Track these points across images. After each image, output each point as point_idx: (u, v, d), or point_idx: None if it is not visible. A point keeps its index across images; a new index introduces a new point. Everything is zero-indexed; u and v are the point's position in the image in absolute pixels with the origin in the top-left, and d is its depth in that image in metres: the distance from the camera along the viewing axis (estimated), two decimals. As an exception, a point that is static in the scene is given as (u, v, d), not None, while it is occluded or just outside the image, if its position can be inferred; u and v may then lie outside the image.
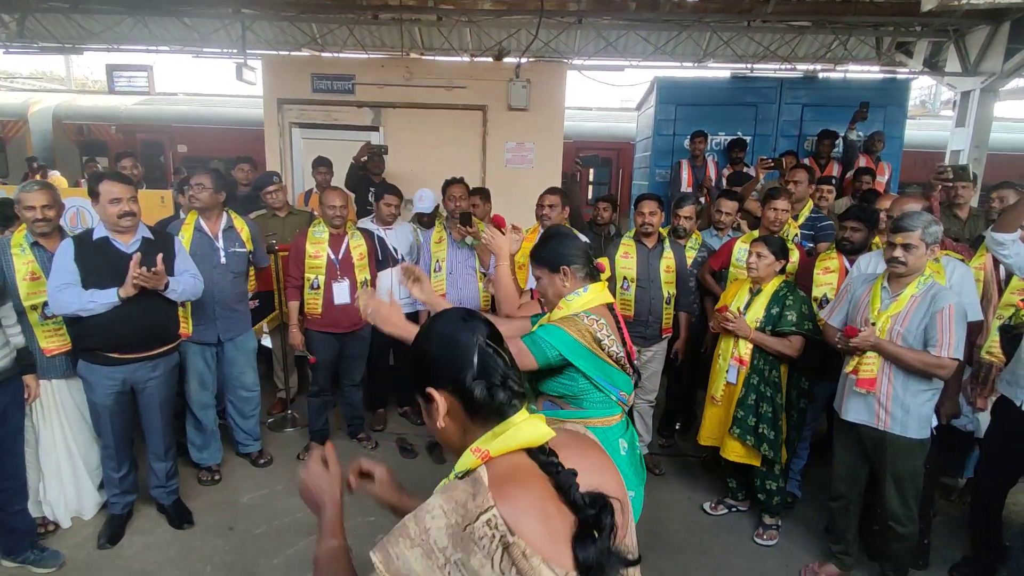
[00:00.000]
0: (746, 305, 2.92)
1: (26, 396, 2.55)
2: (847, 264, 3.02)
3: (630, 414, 2.10)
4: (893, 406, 2.35)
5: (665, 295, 3.38)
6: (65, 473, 2.84)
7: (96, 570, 2.61)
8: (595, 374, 1.75)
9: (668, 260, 3.39)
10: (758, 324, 2.84)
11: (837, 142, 5.53)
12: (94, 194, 2.57)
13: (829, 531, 2.82)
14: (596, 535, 0.80)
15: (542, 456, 0.87)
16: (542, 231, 3.55)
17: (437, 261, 3.56)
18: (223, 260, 3.20)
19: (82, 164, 8.36)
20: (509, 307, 2.15)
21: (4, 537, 2.55)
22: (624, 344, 1.83)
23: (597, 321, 1.74)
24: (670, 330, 3.46)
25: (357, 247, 3.51)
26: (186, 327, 3.06)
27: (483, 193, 4.16)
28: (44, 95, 10.40)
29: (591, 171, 9.57)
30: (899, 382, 2.34)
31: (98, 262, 2.55)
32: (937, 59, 6.84)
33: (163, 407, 2.84)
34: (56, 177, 7.05)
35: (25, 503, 2.60)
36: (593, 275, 1.85)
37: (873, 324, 2.37)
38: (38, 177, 6.48)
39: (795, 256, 3.27)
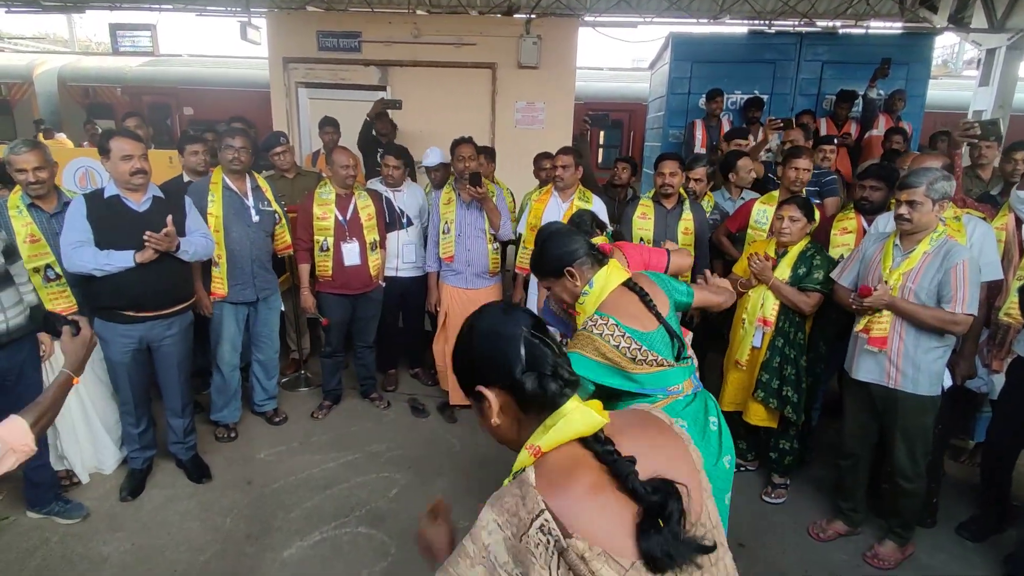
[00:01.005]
0: (772, 267, 2.87)
1: (42, 353, 2.58)
2: (865, 224, 2.96)
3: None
4: (904, 363, 2.35)
5: None
6: (80, 431, 2.89)
7: (120, 521, 2.69)
8: (630, 386, 1.67)
9: (687, 222, 3.34)
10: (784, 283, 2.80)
11: (857, 102, 5.37)
12: (105, 151, 2.55)
13: (838, 489, 2.84)
14: (661, 524, 0.76)
15: (597, 446, 0.84)
16: (554, 192, 3.50)
17: (446, 223, 3.52)
18: (256, 218, 3.20)
19: (84, 126, 8.29)
20: None
21: (28, 491, 2.62)
22: (659, 317, 1.70)
23: (608, 323, 1.63)
24: None
25: (365, 207, 3.48)
26: (221, 288, 3.08)
27: (488, 152, 4.09)
28: (48, 56, 10.26)
29: (601, 133, 9.39)
30: (910, 339, 2.33)
31: (110, 220, 2.55)
32: (963, 15, 6.57)
33: (180, 365, 2.88)
34: (62, 139, 7.01)
35: (46, 458, 2.67)
36: (599, 260, 1.74)
37: (887, 283, 2.34)
38: (41, 138, 6.44)
39: (817, 216, 3.20)
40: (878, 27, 7.15)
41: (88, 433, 2.92)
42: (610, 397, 1.71)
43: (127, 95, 9.02)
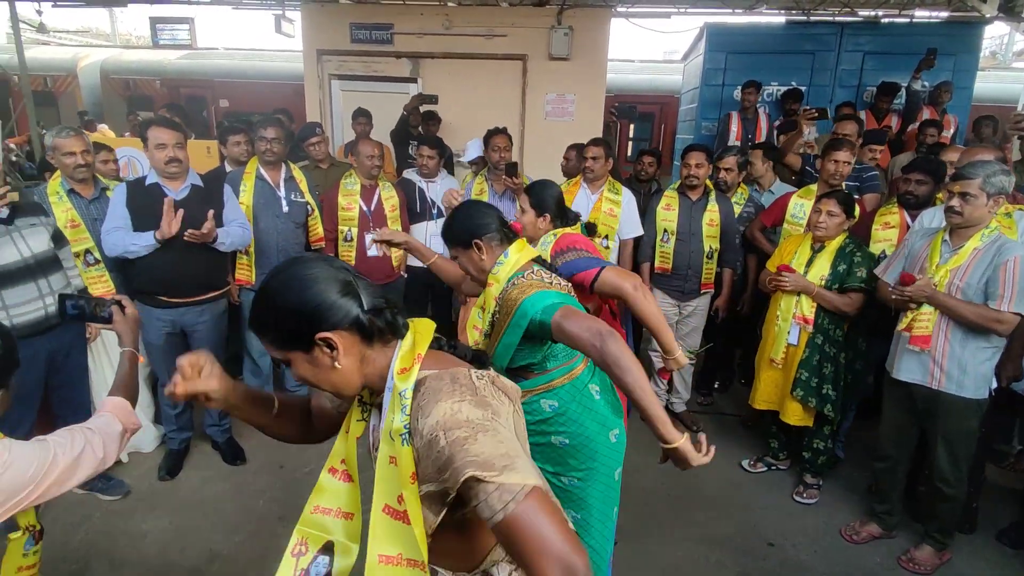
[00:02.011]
0: (808, 262, 2.81)
1: (88, 335, 2.67)
2: (908, 219, 2.86)
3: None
4: (949, 364, 2.27)
5: (706, 249, 3.31)
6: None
7: (159, 499, 2.78)
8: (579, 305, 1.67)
9: (712, 214, 3.30)
10: (823, 282, 2.73)
11: (899, 94, 5.18)
12: (144, 139, 2.63)
13: (873, 491, 2.77)
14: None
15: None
16: (583, 184, 3.48)
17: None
18: (285, 209, 3.24)
19: (127, 117, 8.56)
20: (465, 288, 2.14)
21: None
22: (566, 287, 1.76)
23: (533, 271, 1.66)
24: (711, 285, 3.39)
25: (389, 199, 3.51)
26: (249, 275, 3.14)
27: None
28: (92, 50, 10.57)
29: (631, 126, 9.27)
30: (957, 339, 2.25)
31: (148, 207, 2.63)
32: (1013, 3, 6.27)
33: (213, 351, 2.92)
34: (105, 130, 7.22)
35: None
36: (509, 237, 1.77)
37: (931, 277, 2.27)
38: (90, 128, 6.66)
39: (856, 212, 3.12)
40: (923, 16, 6.89)
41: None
42: (526, 374, 1.76)
43: (165, 87, 9.25)
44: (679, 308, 3.46)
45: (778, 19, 6.10)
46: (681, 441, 1.47)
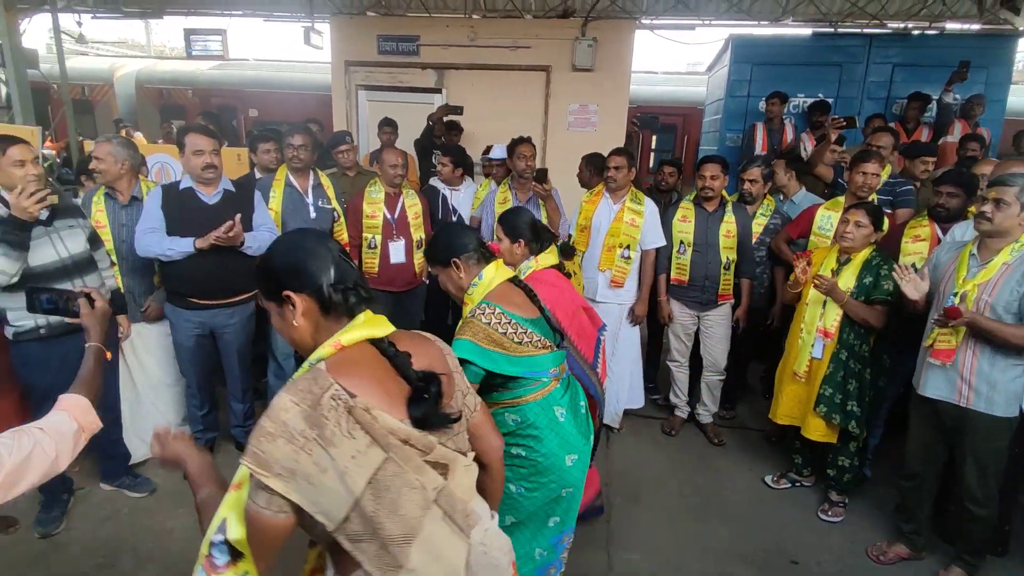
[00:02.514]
0: (834, 274, 2.77)
1: (120, 334, 2.75)
2: (939, 233, 2.81)
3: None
4: (977, 381, 2.21)
5: (724, 260, 3.29)
6: (138, 411, 3.03)
7: (183, 497, 2.82)
8: (514, 371, 1.74)
9: (729, 225, 3.28)
10: (849, 294, 2.70)
11: (929, 106, 5.10)
12: (181, 146, 2.70)
13: (900, 510, 2.70)
14: (426, 399, 1.03)
15: (383, 345, 1.07)
16: (606, 194, 3.48)
17: (504, 222, 3.56)
18: (313, 215, 3.30)
19: (160, 126, 8.81)
20: None
21: (103, 463, 2.79)
22: (540, 308, 1.85)
23: (495, 312, 1.72)
24: (729, 296, 3.36)
25: (412, 206, 3.55)
26: None
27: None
28: (127, 60, 10.91)
29: (654, 137, 9.24)
30: (985, 356, 2.19)
31: (182, 211, 2.70)
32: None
33: (240, 352, 3.00)
34: (139, 137, 7.43)
35: (120, 434, 2.84)
36: (487, 257, 1.84)
37: (957, 298, 2.21)
38: (123, 135, 6.86)
39: (884, 224, 3.06)
40: (954, 28, 6.79)
41: (156, 413, 3.09)
42: (493, 388, 1.80)
43: (197, 97, 9.49)
44: (698, 319, 3.43)
45: (805, 31, 6.06)
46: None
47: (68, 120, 6.82)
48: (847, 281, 2.71)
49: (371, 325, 1.08)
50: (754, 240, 3.47)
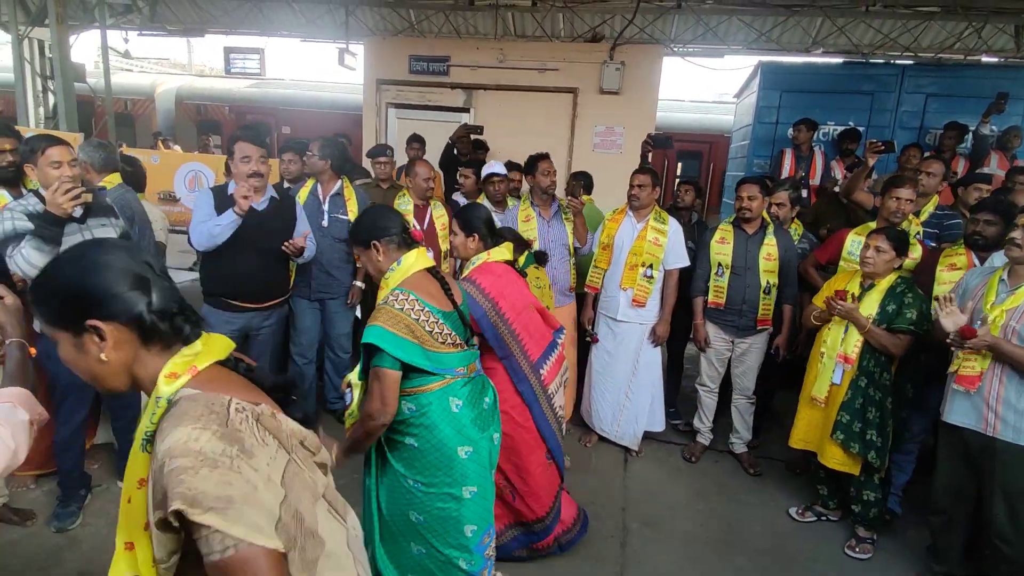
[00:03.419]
0: (857, 299, 2.70)
1: None
2: (976, 261, 2.72)
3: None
4: (1004, 409, 2.12)
5: (763, 284, 3.20)
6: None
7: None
8: (423, 363, 1.77)
9: (770, 247, 3.20)
10: (871, 321, 2.62)
11: (966, 136, 5.00)
12: (230, 153, 2.76)
13: (932, 551, 2.57)
14: (296, 400, 1.05)
15: (229, 363, 1.00)
16: (629, 213, 3.45)
17: (528, 239, 3.55)
18: (325, 223, 3.33)
19: (197, 139, 9.11)
20: None
21: (121, 461, 2.80)
22: (454, 303, 1.88)
23: (408, 298, 1.75)
24: (768, 322, 3.26)
25: (440, 217, 3.58)
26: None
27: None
28: (168, 77, 11.35)
29: (679, 164, 9.22)
30: (1013, 383, 2.11)
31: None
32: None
33: (272, 353, 3.10)
34: (176, 149, 7.68)
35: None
36: (408, 243, 1.87)
37: (982, 322, 2.15)
38: (161, 147, 7.11)
39: (917, 252, 2.99)
40: (990, 59, 6.70)
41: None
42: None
43: (233, 113, 9.81)
44: (733, 344, 3.35)
45: (835, 58, 6.04)
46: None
47: (109, 131, 7.07)
48: (870, 307, 2.65)
49: (213, 347, 0.98)
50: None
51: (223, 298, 2.84)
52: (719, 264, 3.28)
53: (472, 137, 5.17)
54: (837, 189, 4.34)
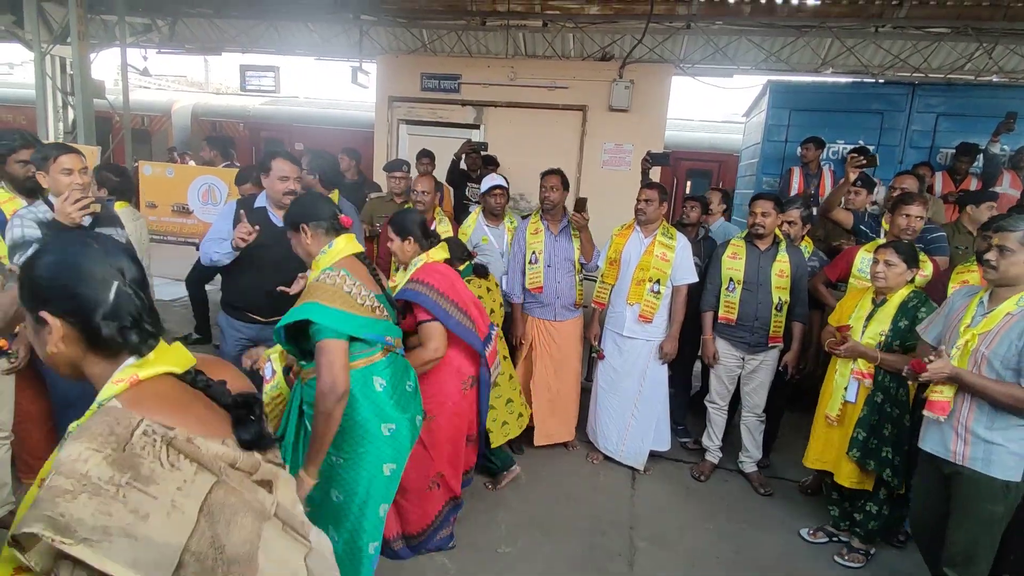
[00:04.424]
0: (868, 317, 2.67)
1: None
2: (989, 279, 2.68)
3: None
4: (973, 438, 2.03)
5: (775, 300, 3.17)
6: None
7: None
8: (359, 332, 1.83)
9: (782, 264, 3.18)
10: (883, 337, 2.59)
11: (978, 156, 4.98)
12: (266, 169, 2.74)
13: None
14: (252, 418, 0.98)
15: (191, 376, 0.97)
16: (636, 228, 3.45)
17: (533, 252, 3.55)
18: None
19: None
20: None
21: None
22: (382, 287, 1.98)
23: (339, 274, 1.83)
24: (779, 339, 3.22)
25: (445, 232, 3.59)
26: None
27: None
28: (184, 95, 11.58)
29: (688, 183, 9.24)
30: (983, 411, 2.01)
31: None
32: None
33: None
34: (191, 164, 7.80)
35: None
36: (338, 229, 1.95)
37: (941, 351, 2.07)
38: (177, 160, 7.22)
39: (928, 269, 2.96)
40: (1001, 80, 6.69)
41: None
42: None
43: (248, 130, 9.98)
44: (743, 361, 3.31)
45: (845, 78, 6.06)
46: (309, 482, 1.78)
47: (126, 145, 7.21)
48: (881, 324, 2.62)
49: (167, 359, 0.96)
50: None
51: (237, 309, 2.85)
52: (731, 279, 3.26)
53: (482, 153, 5.21)
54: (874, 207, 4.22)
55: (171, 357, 0.97)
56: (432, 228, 3.84)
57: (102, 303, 0.92)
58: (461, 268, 2.80)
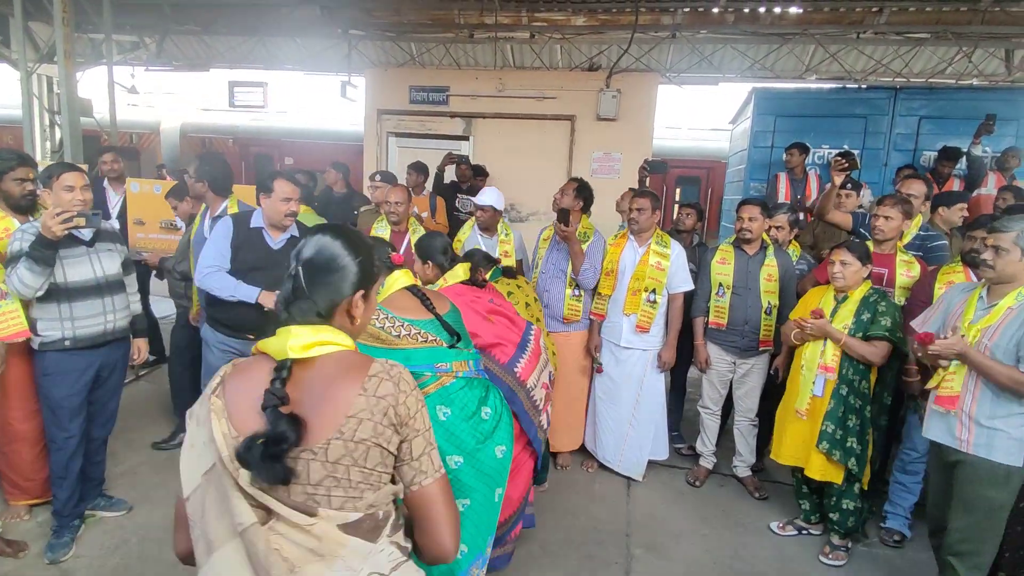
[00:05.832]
0: (832, 312, 2.76)
1: (135, 356, 2.78)
2: (974, 278, 2.72)
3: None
4: (976, 425, 2.11)
5: (764, 304, 3.20)
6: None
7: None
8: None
9: (770, 268, 3.21)
10: (847, 330, 2.68)
11: (960, 159, 5.04)
12: (267, 189, 2.69)
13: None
14: (260, 443, 0.93)
15: (276, 371, 1.01)
16: (631, 237, 3.46)
17: (538, 261, 3.56)
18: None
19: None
20: None
21: (81, 484, 2.67)
22: (435, 313, 1.94)
23: (378, 317, 1.87)
24: (769, 343, 3.24)
25: None
26: None
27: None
28: (173, 112, 11.55)
29: (678, 190, 9.32)
30: (986, 399, 2.10)
31: (247, 249, 2.71)
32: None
33: None
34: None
35: (104, 455, 2.85)
36: (389, 268, 2.00)
37: (963, 335, 2.15)
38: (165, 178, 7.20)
39: (915, 270, 3.00)
40: (982, 87, 6.82)
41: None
42: None
43: (237, 146, 9.97)
44: (735, 365, 3.33)
45: (828, 84, 6.15)
46: None
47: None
48: (844, 318, 2.72)
49: (277, 340, 1.06)
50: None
51: (228, 327, 2.80)
52: (720, 284, 3.28)
53: (471, 163, 5.24)
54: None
55: (277, 341, 1.07)
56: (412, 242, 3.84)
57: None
58: (488, 275, 2.74)
